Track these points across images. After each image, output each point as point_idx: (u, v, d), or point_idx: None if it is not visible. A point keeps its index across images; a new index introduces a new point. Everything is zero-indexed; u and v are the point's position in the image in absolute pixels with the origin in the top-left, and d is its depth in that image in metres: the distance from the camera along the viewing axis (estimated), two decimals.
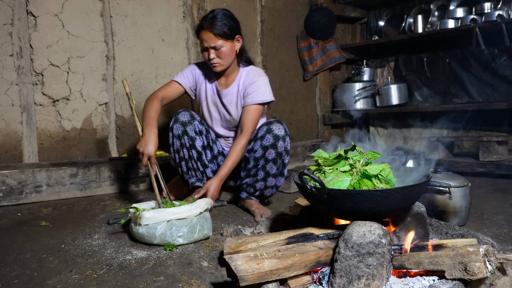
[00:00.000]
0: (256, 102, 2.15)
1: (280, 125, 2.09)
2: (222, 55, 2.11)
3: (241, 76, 2.24)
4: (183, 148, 2.19)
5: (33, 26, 2.57)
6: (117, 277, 1.38)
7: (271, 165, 2.09)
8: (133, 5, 2.94)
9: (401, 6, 4.15)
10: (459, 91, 3.76)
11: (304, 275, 1.27)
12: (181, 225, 1.65)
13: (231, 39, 2.12)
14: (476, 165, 3.05)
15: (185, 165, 2.22)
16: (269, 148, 2.06)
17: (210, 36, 2.07)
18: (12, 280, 1.37)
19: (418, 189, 1.33)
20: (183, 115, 2.19)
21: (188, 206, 1.69)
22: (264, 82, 2.19)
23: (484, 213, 2.13)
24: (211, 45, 2.08)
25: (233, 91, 2.24)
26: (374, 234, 1.21)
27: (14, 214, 2.17)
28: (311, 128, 4.27)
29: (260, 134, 2.10)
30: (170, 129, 2.20)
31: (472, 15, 3.36)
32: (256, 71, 2.24)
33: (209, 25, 2.07)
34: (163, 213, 1.63)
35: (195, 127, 2.20)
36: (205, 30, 2.08)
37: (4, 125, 2.52)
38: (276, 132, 2.06)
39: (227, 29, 2.09)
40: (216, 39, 2.07)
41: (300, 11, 4.07)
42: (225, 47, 2.10)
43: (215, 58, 2.11)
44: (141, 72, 3.01)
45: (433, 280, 1.21)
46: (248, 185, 2.17)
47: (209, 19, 2.08)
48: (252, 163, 2.12)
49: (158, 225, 1.63)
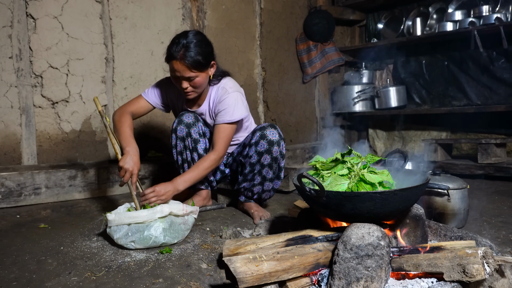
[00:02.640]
0: (225, 121, 2.03)
1: (273, 130, 2.04)
2: (196, 84, 1.96)
3: (210, 94, 2.13)
4: (186, 150, 2.16)
5: (32, 29, 2.57)
6: (116, 279, 1.38)
7: (267, 170, 2.08)
8: (133, 7, 2.95)
9: (400, 9, 4.17)
10: (458, 94, 3.77)
11: (303, 277, 1.27)
12: (137, 230, 1.62)
13: (206, 68, 1.97)
14: (475, 167, 3.05)
15: (188, 167, 2.18)
16: (264, 154, 2.03)
17: (183, 68, 1.89)
18: (11, 282, 1.37)
19: (417, 191, 1.33)
20: (187, 116, 2.14)
21: (148, 210, 1.65)
22: (233, 100, 2.04)
23: (482, 215, 2.13)
24: (184, 76, 1.92)
25: (205, 109, 2.17)
26: (372, 236, 1.21)
27: (13, 216, 2.17)
28: (310, 130, 4.27)
29: (254, 139, 2.05)
30: (174, 131, 2.15)
31: (471, 18, 3.37)
32: (223, 89, 2.08)
33: (182, 56, 1.87)
34: (123, 216, 1.62)
35: (199, 129, 2.16)
36: (177, 61, 1.88)
37: (3, 127, 2.52)
38: (270, 137, 2.02)
39: (202, 59, 1.91)
40: (190, 71, 1.90)
41: (299, 14, 4.08)
42: (200, 77, 1.95)
43: (188, 87, 1.97)
44: (140, 74, 3.01)
45: (431, 282, 1.21)
46: (246, 189, 2.16)
47: (181, 48, 1.87)
48: (248, 169, 2.10)
49: (119, 228, 1.63)
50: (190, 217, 1.78)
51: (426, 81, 3.98)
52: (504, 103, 3.39)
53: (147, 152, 3.05)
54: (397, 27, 4.16)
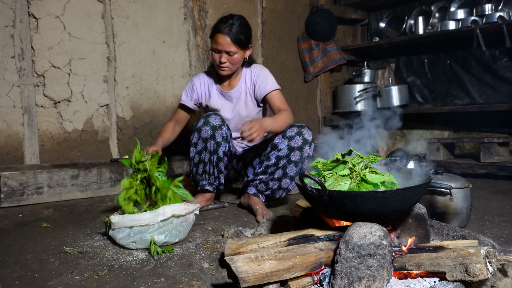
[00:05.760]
0: (273, 88, 2.20)
1: (309, 130, 2.15)
2: (233, 61, 2.15)
3: (245, 75, 2.30)
4: (206, 151, 2.14)
5: (34, 28, 2.57)
6: (118, 279, 1.38)
7: (292, 167, 2.11)
8: (134, 7, 2.95)
9: (402, 8, 4.16)
10: (460, 93, 3.76)
11: (305, 277, 1.27)
12: (139, 232, 1.64)
13: (245, 48, 2.17)
14: (477, 166, 3.04)
15: (202, 167, 2.18)
16: (296, 150, 2.09)
17: (227, 41, 2.09)
18: (13, 282, 1.37)
19: (419, 191, 1.33)
20: (214, 118, 2.14)
21: (150, 213, 1.65)
22: (269, 72, 2.29)
23: (485, 214, 2.13)
24: (225, 50, 2.11)
25: (240, 90, 2.28)
26: (375, 236, 1.21)
27: (16, 215, 2.17)
28: (312, 129, 4.26)
29: (289, 134, 2.12)
30: (197, 130, 2.14)
31: (473, 17, 3.36)
32: (256, 67, 2.31)
33: (228, 31, 2.09)
34: (126, 219, 1.63)
35: (223, 133, 2.15)
36: (223, 34, 2.09)
37: (6, 126, 2.52)
38: (306, 136, 2.11)
39: (244, 38, 2.13)
40: (232, 46, 2.10)
41: (301, 13, 4.07)
42: (238, 54, 2.14)
43: (226, 63, 2.14)
44: (142, 74, 3.02)
45: (434, 281, 1.21)
46: (262, 181, 2.17)
47: (228, 24, 2.10)
48: (273, 161, 2.12)
49: (122, 229, 1.65)
50: (191, 214, 1.78)
51: (429, 80, 3.97)
52: (507, 102, 3.38)
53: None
54: (399, 26, 4.15)
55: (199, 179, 2.23)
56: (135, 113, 3.00)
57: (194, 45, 3.27)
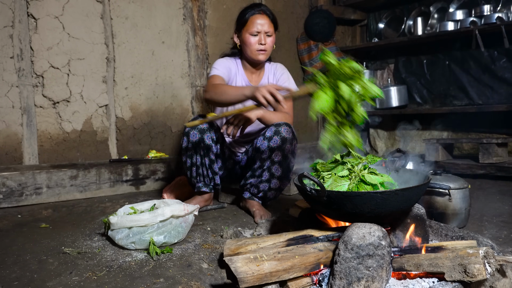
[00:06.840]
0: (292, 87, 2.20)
1: (288, 128, 2.06)
2: (270, 44, 2.16)
3: (269, 71, 2.32)
4: (197, 155, 2.13)
5: (33, 28, 2.57)
6: (117, 279, 1.38)
7: (277, 167, 2.08)
8: (134, 7, 2.95)
9: (401, 9, 4.16)
10: (459, 93, 3.77)
11: (304, 277, 1.27)
12: (138, 232, 1.64)
13: (276, 30, 2.19)
14: (476, 167, 3.05)
15: (196, 170, 2.18)
16: (276, 150, 2.03)
17: (267, 20, 2.11)
18: (12, 282, 1.37)
19: (418, 191, 1.33)
20: None
21: (149, 214, 1.66)
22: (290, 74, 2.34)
23: (484, 215, 2.13)
24: (265, 29, 2.11)
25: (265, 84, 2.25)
26: (373, 236, 1.21)
27: (14, 216, 2.17)
28: (311, 130, 4.27)
29: (268, 134, 2.05)
30: (186, 134, 2.13)
31: (472, 18, 3.37)
32: (281, 65, 2.36)
33: (266, 10, 2.12)
34: (125, 219, 1.64)
35: (212, 135, 2.14)
36: (263, 14, 2.11)
37: (5, 127, 2.52)
38: (284, 134, 2.03)
39: (275, 19, 2.17)
40: (271, 25, 2.13)
41: (300, 14, 4.08)
42: (273, 37, 2.16)
43: (266, 44, 2.14)
44: (141, 74, 3.02)
45: (432, 282, 1.21)
46: (252, 185, 2.16)
47: (261, 7, 2.13)
48: (258, 164, 2.10)
49: (121, 230, 1.65)
50: (191, 215, 1.78)
51: (427, 80, 3.98)
52: (506, 102, 3.39)
53: (148, 152, 3.05)
54: (398, 26, 4.15)
55: (194, 181, 2.23)
56: (134, 114, 3.00)
57: (193, 46, 3.27)
